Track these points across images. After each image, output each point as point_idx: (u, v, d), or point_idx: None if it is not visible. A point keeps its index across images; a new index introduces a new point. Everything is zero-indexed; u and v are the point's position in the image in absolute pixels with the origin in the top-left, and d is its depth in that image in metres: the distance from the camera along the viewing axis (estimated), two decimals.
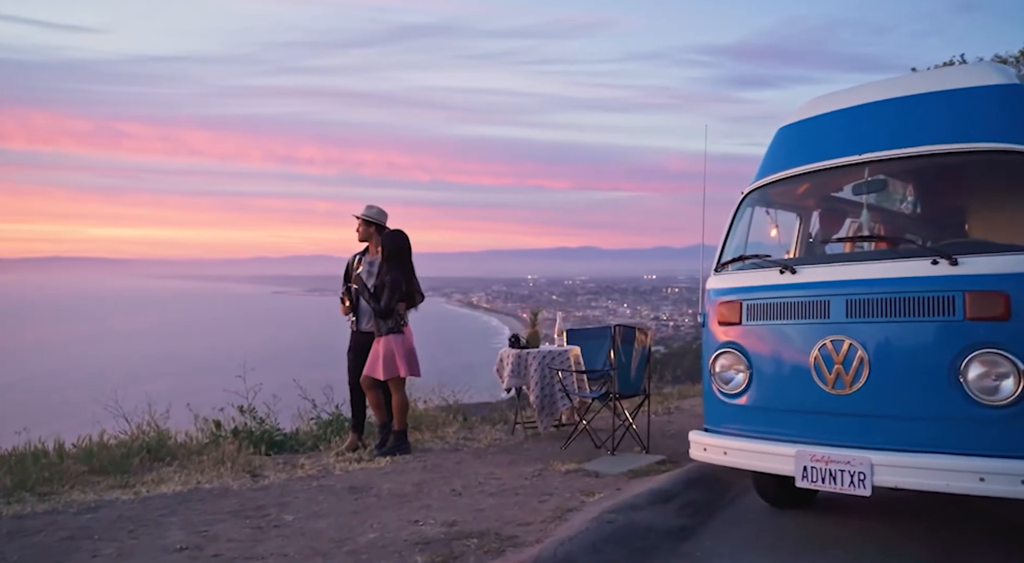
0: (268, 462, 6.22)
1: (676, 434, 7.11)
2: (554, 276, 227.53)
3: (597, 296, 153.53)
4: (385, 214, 6.82)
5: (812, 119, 4.57)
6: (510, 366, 7.02)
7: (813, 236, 4.93)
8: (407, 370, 6.39)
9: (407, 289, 6.43)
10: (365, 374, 6.47)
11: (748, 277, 4.20)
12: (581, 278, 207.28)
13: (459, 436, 7.28)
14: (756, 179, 4.60)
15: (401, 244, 6.47)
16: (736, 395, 4.12)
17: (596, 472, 5.48)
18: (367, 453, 6.48)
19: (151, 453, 6.47)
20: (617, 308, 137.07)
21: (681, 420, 7.99)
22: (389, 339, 6.35)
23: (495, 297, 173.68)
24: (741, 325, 4.12)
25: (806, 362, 3.76)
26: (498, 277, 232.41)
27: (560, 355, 7.02)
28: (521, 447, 6.68)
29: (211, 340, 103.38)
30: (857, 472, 3.46)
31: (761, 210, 4.74)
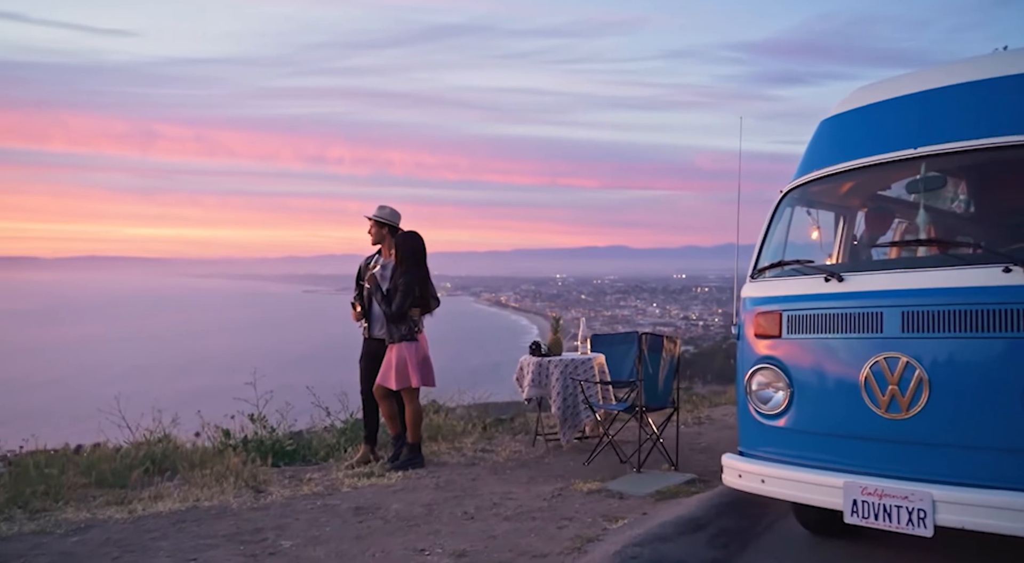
0: (275, 476, 5.91)
1: (707, 448, 6.69)
2: (583, 275, 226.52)
3: (626, 295, 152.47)
4: (398, 215, 6.48)
5: (859, 110, 4.13)
6: (530, 375, 6.65)
7: (858, 239, 4.50)
8: (420, 379, 6.04)
9: (421, 293, 6.08)
10: (377, 383, 6.14)
11: (789, 285, 3.78)
12: (610, 277, 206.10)
13: (477, 448, 6.92)
14: (796, 176, 4.18)
15: (415, 246, 6.13)
16: (775, 416, 3.71)
17: (620, 493, 5.08)
18: (379, 466, 6.16)
19: (155, 464, 6.21)
20: (646, 308, 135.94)
21: (712, 432, 7.56)
22: (402, 347, 6.01)
23: (523, 296, 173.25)
24: (781, 338, 3.70)
25: (856, 381, 3.34)
26: (527, 276, 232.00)
27: (583, 364, 6.63)
28: (541, 461, 6.31)
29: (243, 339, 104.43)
30: (916, 509, 3.04)
31: (801, 210, 4.32)
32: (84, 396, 69.67)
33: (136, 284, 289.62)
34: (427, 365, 6.15)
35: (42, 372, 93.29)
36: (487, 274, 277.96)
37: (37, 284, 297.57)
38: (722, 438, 7.16)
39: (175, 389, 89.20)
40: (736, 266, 4.18)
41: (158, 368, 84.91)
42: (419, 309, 6.11)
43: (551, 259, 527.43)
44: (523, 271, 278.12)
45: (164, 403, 7.18)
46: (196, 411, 7.41)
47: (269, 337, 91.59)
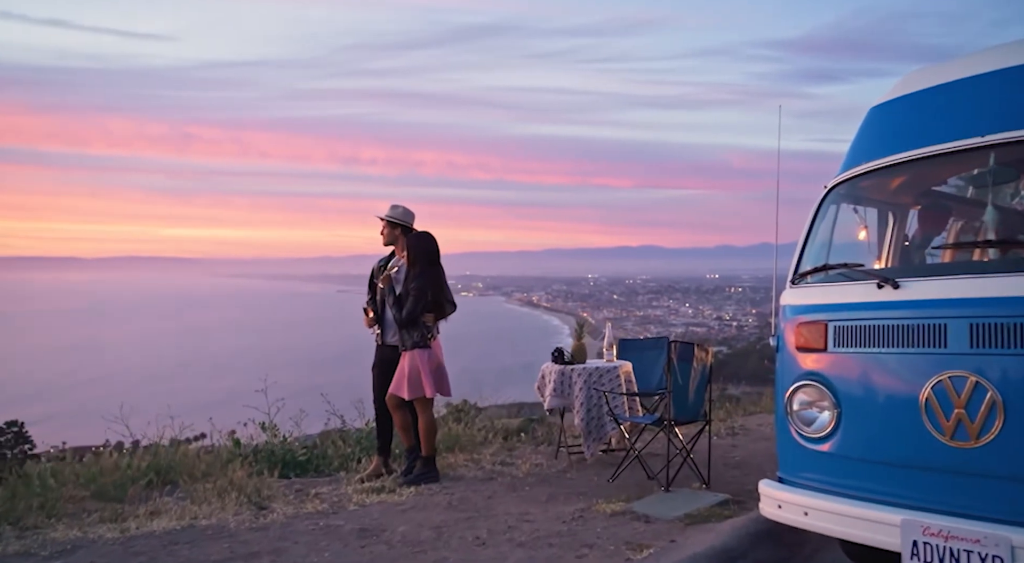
0: (281, 490, 5.60)
1: (741, 463, 6.25)
2: (615, 275, 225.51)
3: (658, 295, 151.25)
4: (412, 214, 6.13)
5: (915, 95, 3.68)
6: (552, 384, 6.26)
7: (911, 240, 4.05)
8: (434, 389, 5.69)
9: (434, 298, 5.73)
10: (390, 392, 5.80)
11: (835, 292, 3.35)
12: (642, 277, 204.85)
13: (496, 460, 6.55)
14: (843, 169, 3.75)
15: (428, 248, 5.78)
16: (820, 440, 3.28)
17: (647, 516, 4.67)
18: (392, 480, 5.82)
19: (160, 475, 5.94)
20: (679, 308, 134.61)
21: (747, 444, 7.10)
22: (415, 354, 5.67)
23: (555, 296, 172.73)
24: (826, 352, 3.28)
25: (915, 403, 2.91)
26: (558, 276, 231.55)
27: (609, 372, 6.23)
28: (563, 477, 5.92)
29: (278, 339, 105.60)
30: (991, 555, 2.60)
31: (848, 208, 3.88)
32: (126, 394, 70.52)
33: (173, 284, 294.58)
34: (441, 374, 5.80)
35: (85, 370, 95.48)
36: (518, 274, 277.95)
37: (78, 284, 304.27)
38: (758, 451, 6.71)
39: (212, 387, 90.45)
40: (775, 269, 3.76)
41: (196, 366, 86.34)
42: (433, 314, 5.76)
43: (583, 259, 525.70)
44: (554, 271, 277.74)
45: (200, 402, 7.03)
46: (229, 410, 7.17)
47: (304, 337, 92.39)
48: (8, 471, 5.84)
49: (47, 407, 67.45)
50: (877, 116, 3.83)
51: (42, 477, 5.57)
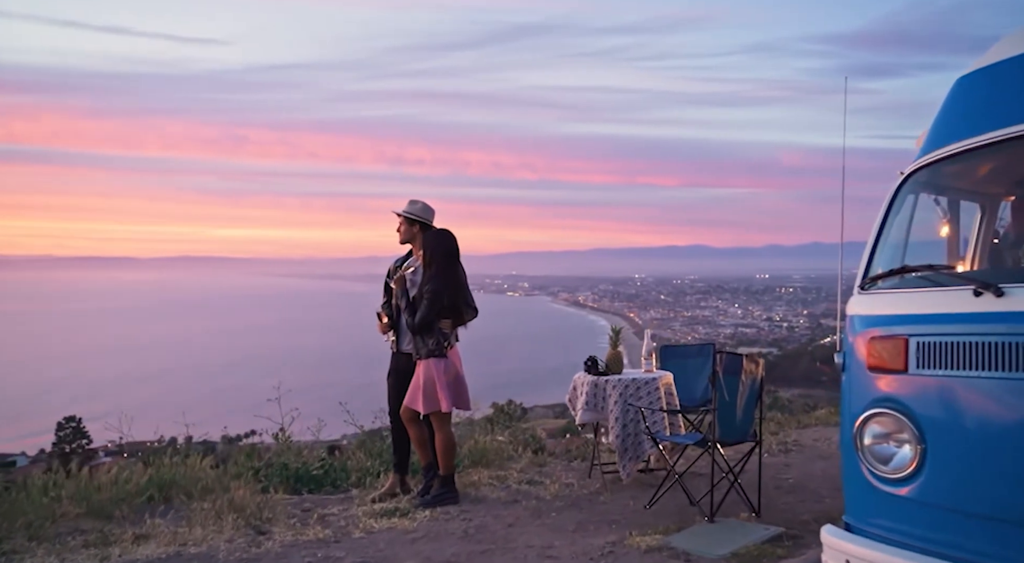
0: (285, 511, 5.14)
1: (796, 487, 5.61)
2: (662, 275, 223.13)
3: (707, 296, 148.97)
4: (431, 211, 5.63)
5: (1014, 61, 3.03)
6: (584, 396, 5.69)
7: (1003, 236, 3.41)
8: (451, 402, 5.17)
9: (452, 302, 5.21)
10: (405, 405, 5.30)
11: (918, 300, 2.74)
12: (690, 277, 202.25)
13: (523, 478, 6.01)
14: (923, 152, 3.12)
15: (447, 247, 5.26)
16: (898, 481, 2.68)
17: (687, 554, 4.09)
18: (407, 500, 5.33)
19: (162, 490, 5.54)
20: (727, 308, 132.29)
21: (802, 463, 6.43)
22: (430, 364, 5.15)
23: (601, 296, 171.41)
24: (907, 374, 2.67)
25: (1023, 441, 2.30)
26: (605, 276, 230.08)
27: (647, 384, 5.63)
28: (595, 500, 5.35)
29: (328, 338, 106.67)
30: None
31: (928, 198, 3.26)
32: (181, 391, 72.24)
33: (225, 284, 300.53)
34: (459, 385, 5.28)
35: (144, 367, 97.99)
36: (564, 274, 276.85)
37: (134, 283, 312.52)
38: (814, 473, 6.05)
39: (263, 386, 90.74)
40: (840, 271, 3.16)
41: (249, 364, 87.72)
42: (451, 320, 5.24)
43: (630, 258, 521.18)
44: (601, 271, 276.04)
45: (251, 399, 6.78)
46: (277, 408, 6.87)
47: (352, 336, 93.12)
48: (14, 484, 5.52)
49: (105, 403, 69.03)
50: (966, 88, 3.18)
51: (33, 493, 5.24)
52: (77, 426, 45.66)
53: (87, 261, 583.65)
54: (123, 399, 71.28)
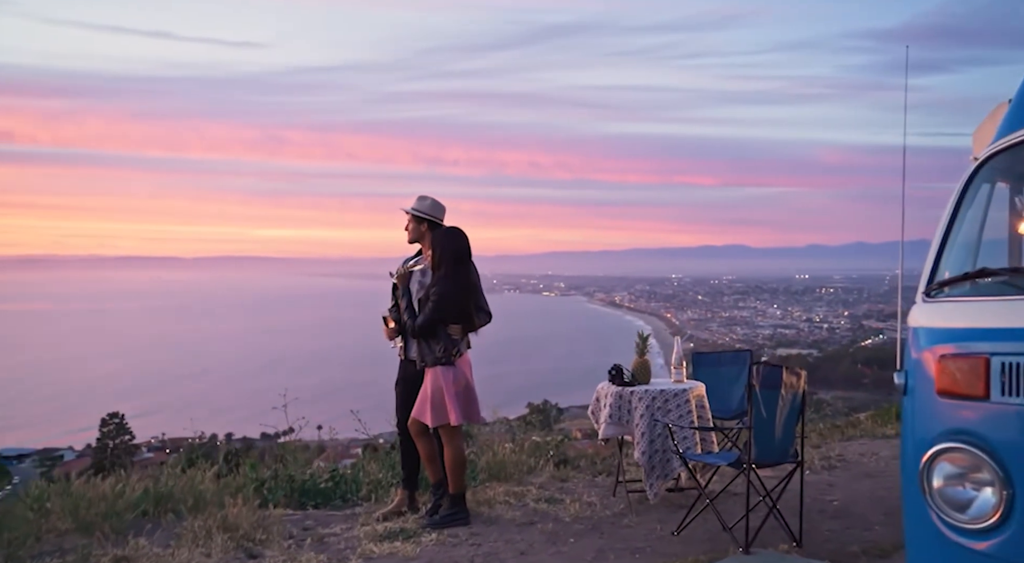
0: (283, 529, 4.78)
1: (841, 512, 5.08)
2: (699, 275, 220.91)
3: (745, 296, 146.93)
4: (442, 207, 5.21)
5: None
6: (608, 408, 5.23)
7: None
8: (460, 415, 4.75)
9: (462, 306, 4.79)
10: (413, 417, 4.90)
11: (1002, 311, 2.25)
12: (728, 277, 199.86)
13: (543, 495, 5.57)
14: (1002, 134, 2.62)
15: (456, 247, 4.84)
16: (978, 533, 2.19)
17: None
18: (414, 520, 4.94)
19: (158, 503, 5.22)
20: (766, 309, 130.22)
21: (847, 482, 5.88)
22: (437, 373, 4.74)
23: (638, 296, 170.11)
24: (989, 402, 2.18)
25: None
26: (641, 276, 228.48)
27: (676, 396, 5.15)
28: (618, 523, 4.89)
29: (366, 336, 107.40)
30: None
31: (1006, 187, 2.76)
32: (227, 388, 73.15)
33: (266, 283, 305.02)
34: (469, 396, 4.85)
35: (189, 364, 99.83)
36: (601, 274, 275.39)
37: (179, 283, 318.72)
38: (861, 493, 5.51)
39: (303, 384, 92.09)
40: (900, 275, 2.66)
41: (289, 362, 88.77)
42: (460, 326, 4.82)
43: (666, 258, 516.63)
44: (638, 271, 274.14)
45: (290, 397, 6.60)
46: (317, 407, 6.59)
47: None
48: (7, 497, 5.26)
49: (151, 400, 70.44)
50: None
51: (19, 508, 4.96)
52: (120, 422, 46.36)
53: (132, 261, 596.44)
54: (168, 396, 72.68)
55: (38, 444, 58.93)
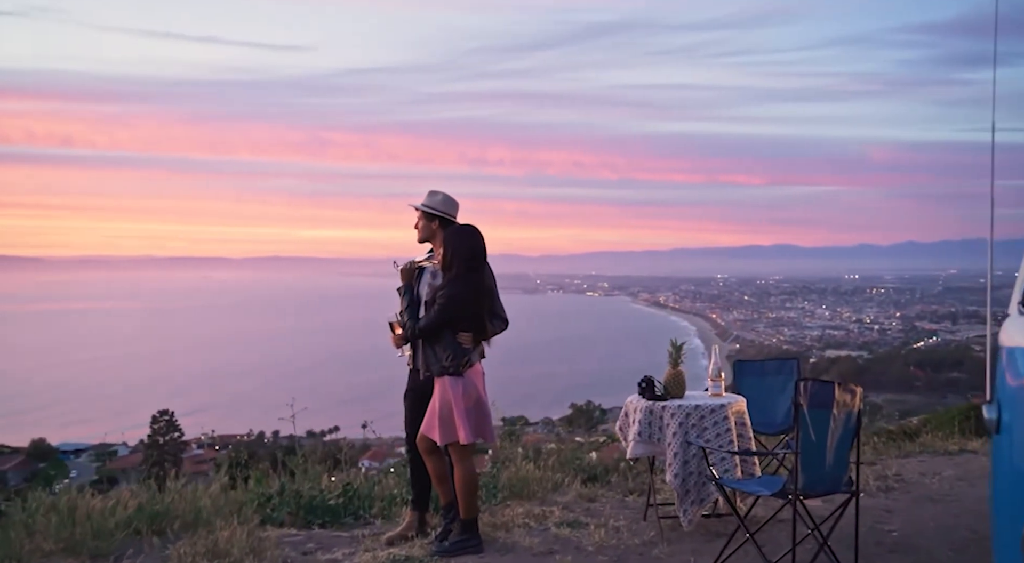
0: (279, 554, 4.41)
1: (901, 543, 4.51)
2: (745, 275, 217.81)
3: (792, 297, 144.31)
4: (455, 203, 4.77)
5: None
6: (637, 425, 4.73)
7: None
8: (471, 433, 4.30)
9: (474, 311, 4.34)
10: (421, 433, 4.48)
11: None
12: (775, 277, 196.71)
13: (567, 517, 5.10)
14: None
15: (469, 246, 4.39)
16: None
17: None
18: (422, 545, 4.51)
19: (153, 521, 4.88)
20: (814, 310, 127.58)
21: (907, 509, 5.28)
22: (446, 385, 4.30)
23: (683, 297, 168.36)
24: None
25: None
26: (686, 276, 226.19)
27: (713, 413, 4.63)
28: (648, 553, 4.39)
29: None
30: None
31: None
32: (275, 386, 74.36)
33: (311, 282, 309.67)
34: (481, 412, 4.40)
35: (237, 363, 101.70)
36: (645, 274, 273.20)
37: (227, 282, 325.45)
38: (923, 522, 4.93)
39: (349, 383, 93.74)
40: (989, 279, 2.13)
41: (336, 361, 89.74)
42: (471, 334, 4.37)
43: (712, 258, 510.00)
44: (682, 271, 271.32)
45: (336, 396, 6.28)
46: (361, 406, 6.24)
47: None
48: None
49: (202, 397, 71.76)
50: None
51: (37, 514, 4.67)
52: (170, 420, 47.19)
53: (182, 261, 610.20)
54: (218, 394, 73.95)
55: (94, 439, 60.41)
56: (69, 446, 57.18)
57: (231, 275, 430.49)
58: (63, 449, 55.66)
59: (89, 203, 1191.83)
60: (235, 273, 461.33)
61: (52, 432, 57.82)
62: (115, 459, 54.10)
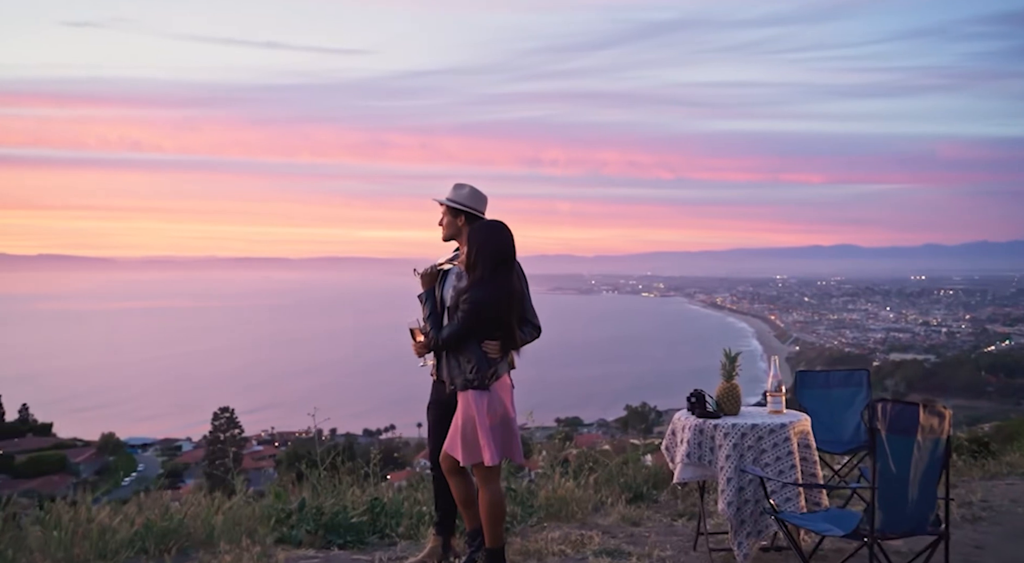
0: None
1: None
2: (806, 276, 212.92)
3: (854, 298, 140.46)
4: (483, 197, 4.30)
5: None
6: (686, 445, 4.20)
7: None
8: (496, 452, 3.83)
9: (503, 318, 3.88)
10: (445, 450, 4.03)
11: None
12: (836, 278, 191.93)
13: (607, 544, 4.60)
14: None
15: (496, 244, 3.92)
16: None
17: None
18: None
19: (161, 539, 4.55)
20: (878, 312, 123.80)
21: (1000, 544, 4.61)
22: (469, 399, 3.85)
23: (740, 298, 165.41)
24: None
25: None
26: (744, 277, 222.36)
27: (772, 433, 4.07)
28: None
29: None
30: None
31: None
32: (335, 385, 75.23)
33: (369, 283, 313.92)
34: (508, 430, 3.92)
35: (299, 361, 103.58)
36: (702, 274, 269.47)
37: (287, 282, 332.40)
38: (1020, 560, 4.29)
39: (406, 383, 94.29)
40: None
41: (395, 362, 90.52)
42: (498, 343, 3.90)
43: (771, 259, 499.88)
44: (740, 272, 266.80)
45: (392, 395, 6.04)
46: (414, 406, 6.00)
47: None
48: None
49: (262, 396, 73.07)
50: None
51: (51, 526, 4.40)
52: (230, 416, 48.12)
53: (244, 261, 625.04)
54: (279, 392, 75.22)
55: (160, 435, 62.06)
56: (137, 441, 58.87)
57: (291, 275, 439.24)
58: (131, 443, 57.31)
59: (156, 205, 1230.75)
60: (295, 273, 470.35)
61: (122, 427, 59.58)
62: (179, 454, 55.50)
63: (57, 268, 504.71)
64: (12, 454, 46.89)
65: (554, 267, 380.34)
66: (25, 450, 48.34)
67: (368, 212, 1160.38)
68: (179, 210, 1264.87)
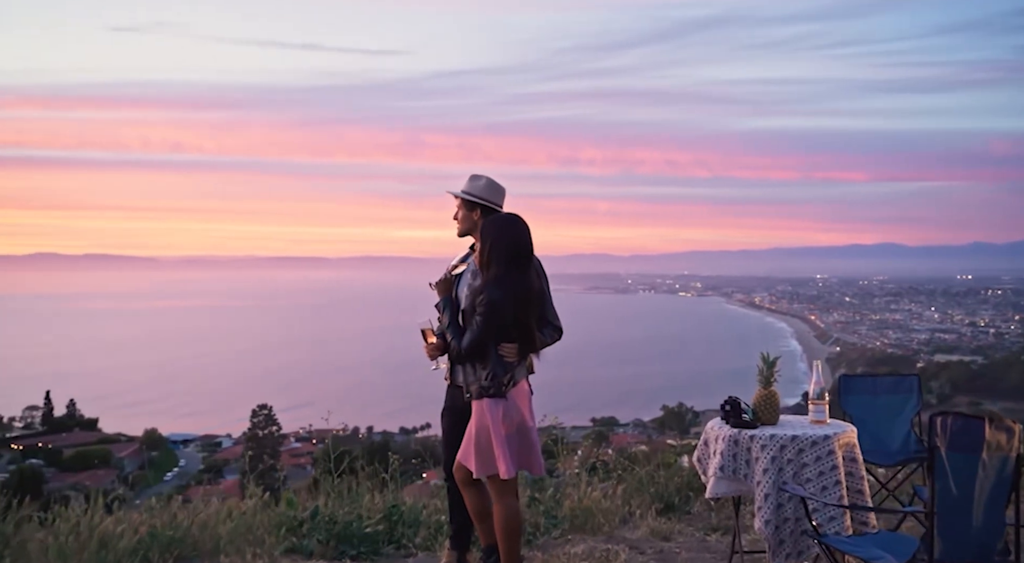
0: None
1: None
2: (847, 275, 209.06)
3: (898, 298, 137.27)
4: (500, 190, 4.02)
5: None
6: (720, 457, 3.87)
7: None
8: (512, 464, 3.54)
9: (521, 318, 3.59)
10: (458, 460, 3.76)
11: None
12: (879, 278, 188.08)
13: (634, 559, 4.30)
14: None
15: (512, 239, 3.64)
16: None
17: None
18: None
19: (166, 549, 4.36)
20: (922, 312, 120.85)
21: None
22: (483, 407, 3.56)
23: (779, 297, 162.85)
24: None
25: None
26: (783, 276, 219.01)
27: (815, 446, 3.72)
28: None
29: None
30: None
31: None
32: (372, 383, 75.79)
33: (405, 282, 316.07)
34: (526, 439, 3.63)
35: (336, 359, 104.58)
36: (739, 274, 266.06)
37: (325, 281, 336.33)
38: None
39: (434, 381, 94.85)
40: None
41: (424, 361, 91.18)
42: (515, 345, 3.61)
43: (811, 258, 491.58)
44: (779, 271, 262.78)
45: (426, 395, 5.95)
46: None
47: None
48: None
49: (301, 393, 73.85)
50: None
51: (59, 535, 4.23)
52: (268, 414, 48.61)
53: (283, 261, 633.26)
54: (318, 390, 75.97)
55: (201, 431, 63.04)
56: (178, 437, 59.88)
57: (328, 275, 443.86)
58: (173, 439, 58.31)
59: (197, 205, 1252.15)
60: (332, 273, 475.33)
61: (164, 423, 60.65)
62: (219, 450, 56.34)
63: (103, 267, 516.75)
64: (60, 448, 48.06)
65: (590, 266, 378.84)
66: (72, 445, 49.47)
67: (405, 212, 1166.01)
68: (219, 210, 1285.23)
